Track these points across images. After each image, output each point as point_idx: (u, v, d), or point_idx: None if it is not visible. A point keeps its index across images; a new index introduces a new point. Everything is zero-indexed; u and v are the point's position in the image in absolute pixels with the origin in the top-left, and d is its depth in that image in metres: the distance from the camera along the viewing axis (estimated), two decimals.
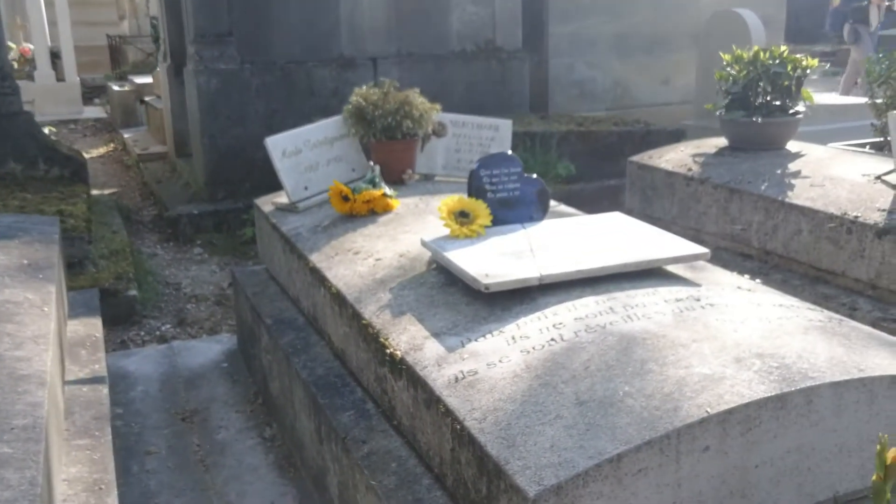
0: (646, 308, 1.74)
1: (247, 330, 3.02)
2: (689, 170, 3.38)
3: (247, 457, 2.50)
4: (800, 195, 2.90)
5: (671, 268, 1.99)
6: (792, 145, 3.54)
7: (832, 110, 6.34)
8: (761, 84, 3.47)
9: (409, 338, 1.79)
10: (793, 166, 3.22)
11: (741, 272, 2.96)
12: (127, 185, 6.49)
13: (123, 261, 3.99)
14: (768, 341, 1.58)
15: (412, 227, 2.46)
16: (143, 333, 3.63)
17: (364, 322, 1.94)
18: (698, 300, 1.79)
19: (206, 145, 5.24)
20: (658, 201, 3.52)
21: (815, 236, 2.77)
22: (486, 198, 2.23)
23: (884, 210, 2.66)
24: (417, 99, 2.94)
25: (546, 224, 2.24)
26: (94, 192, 6.09)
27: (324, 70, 5.48)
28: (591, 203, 4.79)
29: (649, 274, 1.94)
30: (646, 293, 1.83)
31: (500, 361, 1.59)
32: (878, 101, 4.21)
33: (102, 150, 8.02)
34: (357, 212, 2.64)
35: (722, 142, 3.67)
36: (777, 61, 3.43)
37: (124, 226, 5.02)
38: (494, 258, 1.97)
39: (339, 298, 2.12)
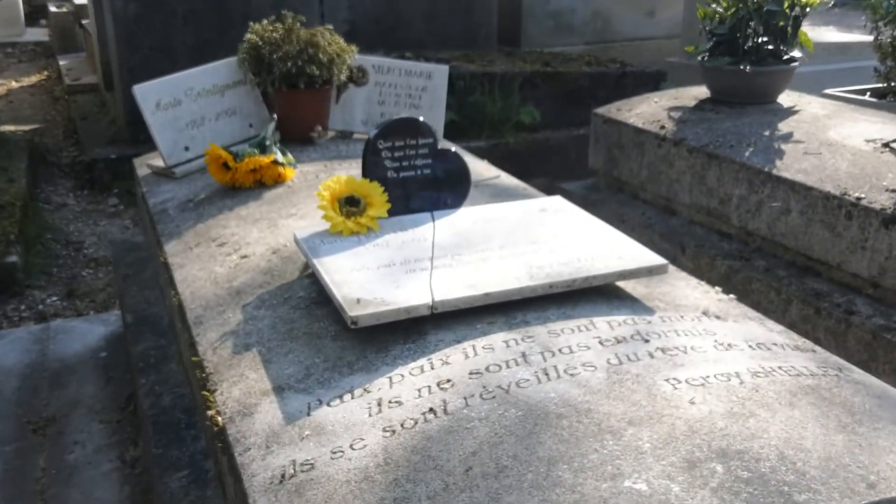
0: (572, 356, 1.24)
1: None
2: (662, 128, 2.85)
3: (98, 488, 2.03)
4: (790, 166, 2.39)
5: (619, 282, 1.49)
6: (784, 98, 3.01)
7: (829, 48, 5.76)
8: (752, 25, 2.92)
9: (242, 392, 1.28)
10: (784, 126, 2.70)
11: (717, 255, 2.48)
12: (52, 121, 5.86)
13: (9, 218, 3.45)
14: (738, 424, 1.09)
15: (302, 208, 1.94)
16: (22, 308, 3.12)
17: (195, 359, 1.43)
18: (647, 341, 1.29)
19: (126, 80, 4.61)
20: (625, 162, 3.00)
21: (807, 218, 2.28)
22: (386, 178, 1.70)
23: (893, 191, 2.16)
24: (328, 38, 2.37)
25: (462, 214, 1.72)
26: (10, 128, 5.49)
27: None
28: (556, 154, 4.26)
29: (586, 294, 1.44)
30: (576, 326, 1.34)
31: (351, 447, 1.10)
32: (884, 40, 3.67)
33: (35, 78, 7.33)
34: (240, 183, 2.11)
35: (704, 91, 3.14)
36: None
37: (31, 171, 4.46)
38: (380, 269, 1.46)
39: (181, 313, 1.61)
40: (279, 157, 2.12)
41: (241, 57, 2.39)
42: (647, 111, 3.03)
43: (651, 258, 1.50)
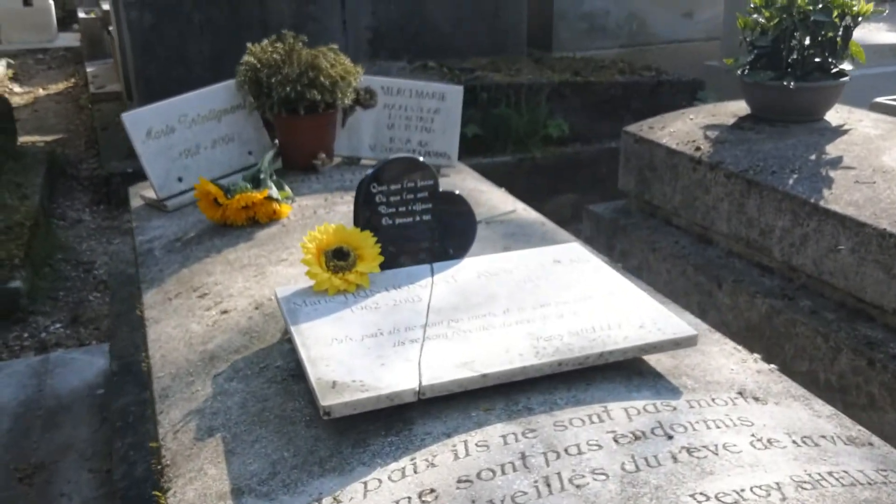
0: (580, 459, 1.05)
1: None
2: (698, 149, 2.63)
3: None
4: (839, 197, 2.16)
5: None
6: (832, 114, 2.76)
7: (880, 50, 5.45)
8: (797, 36, 2.68)
9: (197, 495, 1.11)
10: (832, 149, 2.46)
11: (756, 292, 2.26)
12: (75, 131, 5.80)
13: (16, 240, 3.34)
14: None
15: (294, 252, 1.77)
16: (24, 336, 3.01)
17: (154, 444, 1.27)
18: (670, 437, 1.09)
19: (142, 90, 4.51)
20: (658, 185, 2.78)
21: (859, 257, 2.04)
22: (380, 225, 1.52)
23: None
24: (331, 59, 2.20)
25: (465, 266, 1.53)
26: (33, 138, 5.44)
27: (281, 2, 4.68)
28: (587, 169, 4.05)
29: (601, 369, 1.25)
30: (587, 416, 1.14)
31: None
32: None
33: (62, 85, 7.30)
34: (232, 221, 1.94)
35: (743, 107, 2.90)
36: (819, 6, 2.62)
37: (48, 186, 4.37)
38: (364, 340, 1.28)
39: (150, 380, 1.44)
40: (274, 192, 1.95)
41: (240, 80, 2.23)
42: (682, 130, 2.81)
43: (678, 327, 1.30)
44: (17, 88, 7.10)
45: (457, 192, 1.59)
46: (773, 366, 1.39)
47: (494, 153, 3.85)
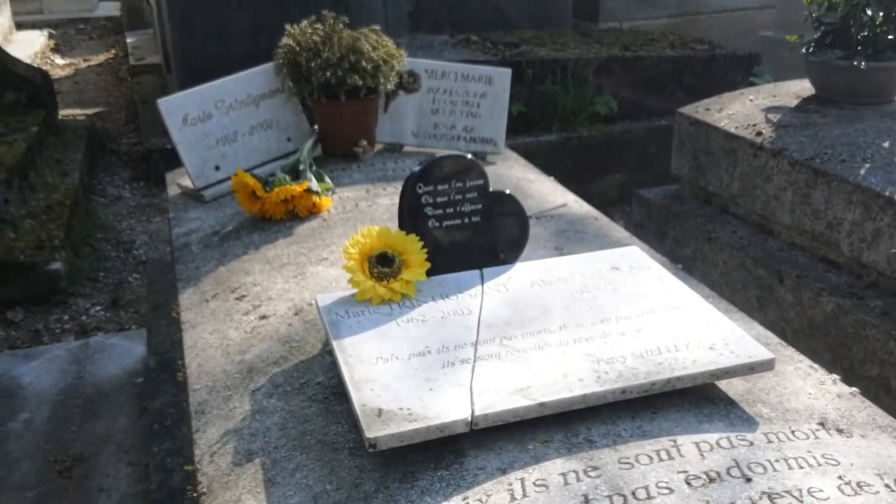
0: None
1: None
2: (759, 134, 2.48)
3: None
4: None
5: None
6: None
7: None
8: (868, 11, 2.50)
9: None
10: None
11: (822, 290, 2.13)
12: (115, 104, 5.77)
13: (56, 220, 3.31)
14: None
15: (335, 251, 1.69)
16: (65, 318, 2.98)
17: (190, 468, 1.20)
18: (749, 480, 0.99)
19: (180, 64, 4.44)
20: (714, 171, 2.64)
21: None
22: (427, 229, 1.43)
23: None
24: (373, 41, 2.09)
25: (518, 273, 1.43)
26: (74, 112, 5.43)
27: None
28: (635, 148, 3.90)
29: (668, 395, 1.15)
30: (655, 452, 1.05)
31: None
32: None
33: (102, 56, 7.27)
34: (270, 214, 1.87)
35: (807, 87, 2.73)
36: None
37: (88, 161, 4.34)
38: (411, 360, 1.19)
39: (186, 390, 1.38)
40: (314, 184, 1.87)
41: (278, 63, 2.14)
42: (741, 112, 2.66)
43: (753, 350, 1.19)
44: (58, 60, 7.09)
45: (507, 191, 1.49)
46: (854, 389, 1.28)
47: (539, 132, 3.72)
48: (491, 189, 1.45)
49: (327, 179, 1.96)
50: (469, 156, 1.46)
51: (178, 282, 1.72)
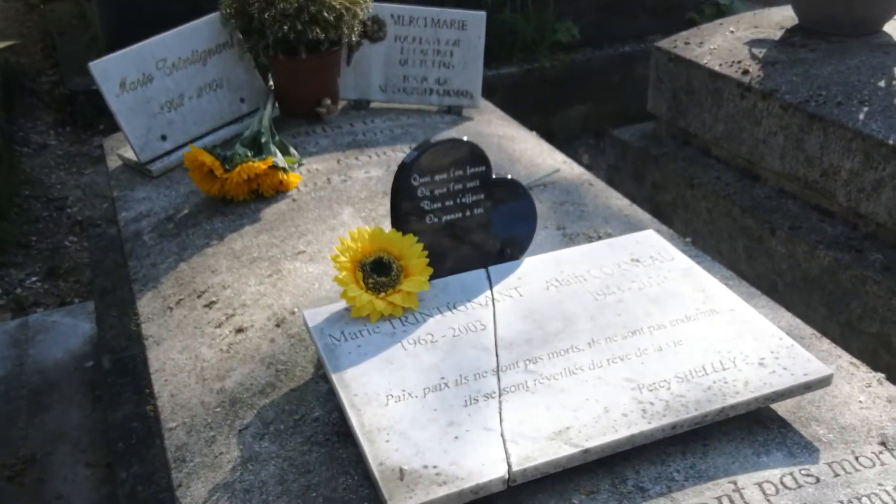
0: None
1: None
2: (745, 72, 2.32)
3: None
4: None
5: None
6: (892, 28, 2.46)
7: None
8: None
9: None
10: None
11: (818, 242, 2.03)
12: (28, 36, 5.28)
13: None
14: None
15: (312, 241, 1.50)
16: None
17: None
18: None
19: None
20: (696, 112, 2.49)
21: None
22: (425, 225, 1.25)
23: None
24: None
25: (528, 271, 1.27)
26: None
27: None
28: (598, 77, 3.72)
29: (718, 425, 1.03)
30: (715, 499, 0.93)
31: None
32: None
33: None
34: (232, 195, 1.66)
35: (789, 16, 2.58)
36: None
37: (6, 104, 3.96)
38: (427, 396, 1.03)
39: (159, 427, 1.20)
40: (279, 159, 1.66)
41: (225, 13, 1.88)
42: (724, 47, 2.49)
43: (808, 364, 1.06)
44: None
45: (510, 177, 1.31)
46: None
47: (499, 63, 3.49)
48: (495, 176, 1.28)
49: (293, 151, 1.75)
50: (466, 138, 1.27)
51: (132, 282, 1.51)
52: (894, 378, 1.20)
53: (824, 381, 1.05)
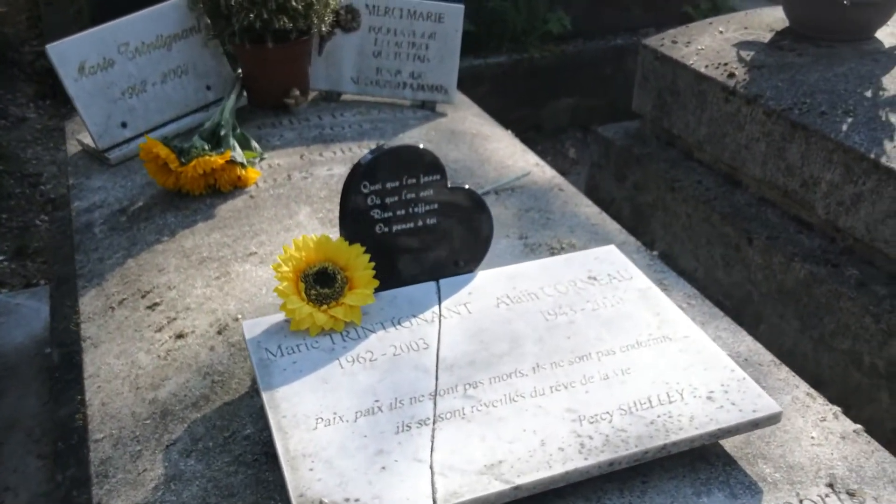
0: None
1: None
2: (731, 75, 2.27)
3: None
4: None
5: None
6: (886, 33, 2.40)
7: None
8: None
9: None
10: (891, 84, 2.12)
11: (794, 254, 1.99)
12: (13, 3, 5.18)
13: None
14: None
15: (265, 242, 1.45)
16: None
17: None
18: None
19: None
20: (680, 113, 2.44)
21: None
22: (373, 235, 1.20)
23: None
24: None
25: (480, 286, 1.23)
26: None
27: None
28: (589, 69, 3.65)
29: (659, 459, 0.99)
30: None
31: None
32: None
33: None
34: (187, 189, 1.60)
35: (780, 18, 2.52)
36: None
37: None
38: (359, 421, 0.99)
39: (86, 438, 1.16)
40: (238, 153, 1.60)
41: None
42: (711, 47, 2.43)
43: (758, 400, 1.02)
44: None
45: (467, 186, 1.26)
46: (858, 427, 1.13)
47: (488, 53, 3.42)
48: (450, 185, 1.23)
49: (254, 145, 1.69)
50: (422, 145, 1.22)
51: (78, 277, 1.46)
52: (860, 402, 1.16)
53: (773, 419, 1.01)
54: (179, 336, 1.25)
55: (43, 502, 1.82)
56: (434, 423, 0.98)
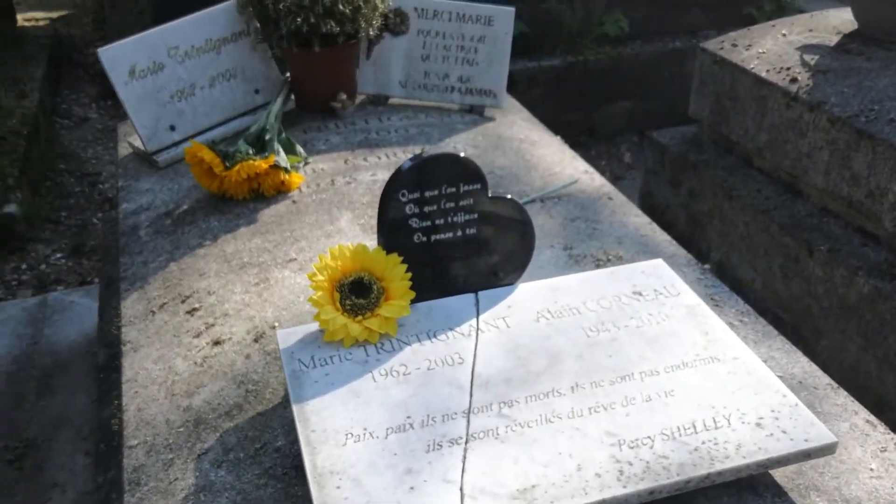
0: None
1: None
2: (793, 80, 2.18)
3: None
4: None
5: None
6: None
7: None
8: None
9: None
10: None
11: (858, 268, 1.90)
12: (81, 6, 5.32)
13: (10, 154, 3.01)
14: None
15: (305, 249, 1.44)
16: (23, 267, 2.74)
17: None
18: None
19: None
20: (739, 118, 2.35)
21: None
22: (411, 244, 1.18)
23: None
24: None
25: (520, 301, 1.19)
26: (35, 16, 5.00)
27: None
28: (645, 72, 3.57)
29: (703, 492, 0.94)
30: None
31: None
32: None
33: None
34: (231, 193, 1.60)
35: (848, 20, 2.42)
36: None
37: (51, 78, 3.99)
38: (389, 437, 0.96)
39: (120, 444, 1.15)
40: (282, 158, 1.60)
41: (242, 1, 1.82)
42: (773, 51, 2.34)
43: (811, 428, 0.96)
44: None
45: (509, 196, 1.22)
46: None
47: (542, 55, 3.38)
48: (491, 194, 1.19)
49: (299, 149, 1.68)
50: (463, 154, 1.19)
51: (121, 279, 1.47)
52: None
53: (827, 450, 0.95)
54: (216, 343, 1.25)
55: (88, 501, 1.85)
56: (466, 442, 0.95)
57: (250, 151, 1.58)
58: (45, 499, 1.84)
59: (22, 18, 4.73)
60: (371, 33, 1.82)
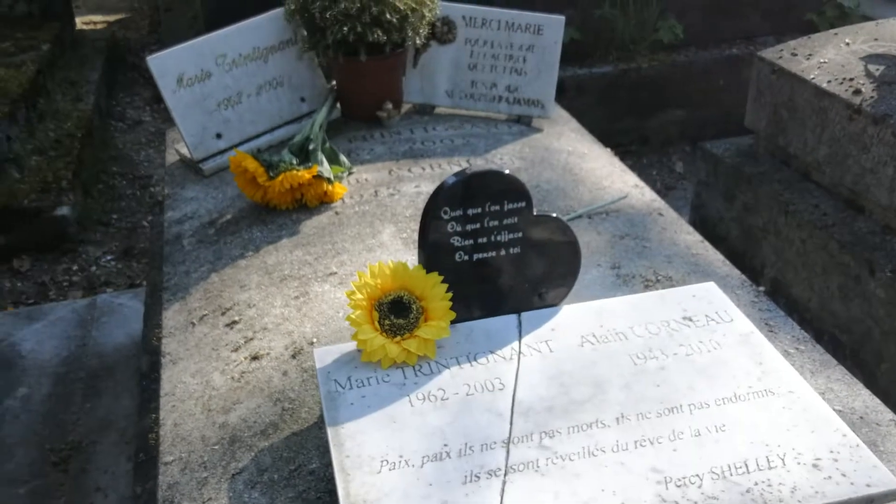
0: None
1: None
2: (857, 92, 2.09)
3: None
4: None
5: None
6: None
7: None
8: None
9: None
10: None
11: None
12: (138, 10, 5.43)
13: (65, 157, 3.07)
14: None
15: (346, 262, 1.42)
16: (73, 269, 2.78)
17: None
18: None
19: None
20: (797, 131, 2.27)
21: None
22: (453, 263, 1.14)
23: None
24: None
25: (564, 324, 1.15)
26: (94, 19, 5.11)
27: None
28: (700, 80, 3.48)
29: None
30: None
31: None
32: None
33: None
34: (274, 204, 1.59)
35: None
36: None
37: (106, 81, 4.06)
38: (425, 467, 0.93)
39: (157, 458, 1.14)
40: (325, 168, 1.58)
41: (289, 10, 1.81)
42: (835, 60, 2.25)
43: (873, 472, 0.90)
44: None
45: (555, 215, 1.18)
46: None
47: (594, 62, 3.32)
48: (535, 213, 1.16)
49: (343, 159, 1.67)
50: (507, 171, 1.15)
51: (163, 289, 1.47)
52: None
53: (891, 496, 0.89)
54: (255, 358, 1.23)
55: None
56: (505, 474, 0.92)
57: (294, 161, 1.56)
58: (87, 503, 1.86)
59: (81, 21, 4.84)
60: (418, 42, 1.79)
